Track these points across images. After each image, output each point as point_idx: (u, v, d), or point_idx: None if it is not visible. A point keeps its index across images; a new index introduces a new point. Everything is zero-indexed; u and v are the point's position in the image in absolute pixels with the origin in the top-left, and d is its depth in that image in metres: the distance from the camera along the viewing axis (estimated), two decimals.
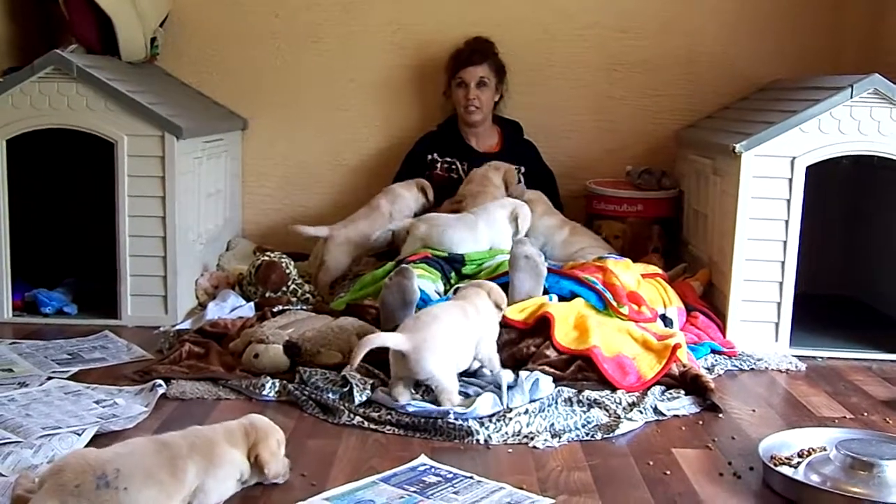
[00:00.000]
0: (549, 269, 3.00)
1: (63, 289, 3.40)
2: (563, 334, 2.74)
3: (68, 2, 3.50)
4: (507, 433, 2.33)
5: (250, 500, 1.94)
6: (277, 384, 2.59)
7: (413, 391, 2.49)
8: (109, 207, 3.22)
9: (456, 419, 2.35)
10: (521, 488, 2.02)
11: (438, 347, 2.44)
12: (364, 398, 2.48)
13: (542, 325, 2.77)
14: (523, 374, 2.59)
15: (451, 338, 2.48)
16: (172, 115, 3.26)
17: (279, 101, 4.15)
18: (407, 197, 3.67)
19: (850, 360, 3.09)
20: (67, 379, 2.65)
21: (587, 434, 2.36)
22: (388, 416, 2.39)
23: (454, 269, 3.26)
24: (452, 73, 3.93)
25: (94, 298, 3.32)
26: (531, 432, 2.34)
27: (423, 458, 2.16)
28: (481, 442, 2.30)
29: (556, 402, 2.49)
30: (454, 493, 1.99)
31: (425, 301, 3.04)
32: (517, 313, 2.82)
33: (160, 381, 2.56)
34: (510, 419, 2.37)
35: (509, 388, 2.51)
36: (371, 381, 2.54)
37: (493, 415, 2.40)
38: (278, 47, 4.12)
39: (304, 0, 4.09)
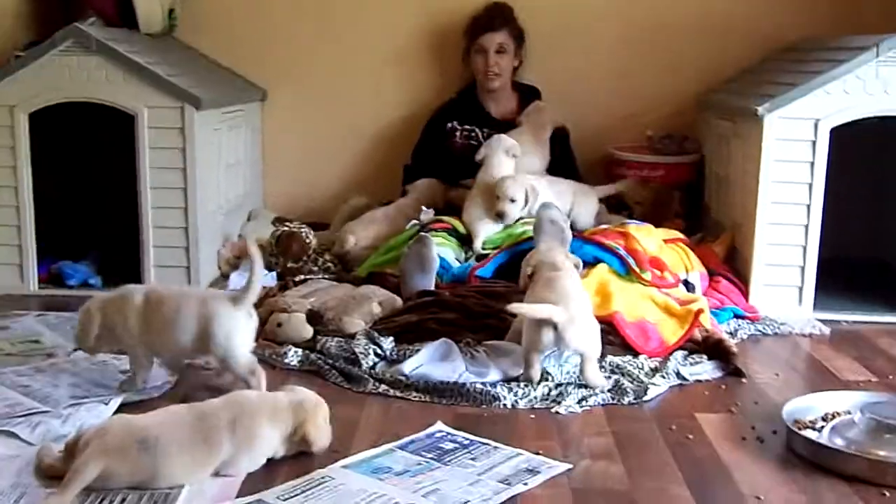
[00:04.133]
0: (573, 235, 3.00)
1: (87, 261, 3.42)
2: None
3: None
4: (534, 398, 2.34)
5: (273, 466, 1.95)
6: (300, 353, 2.61)
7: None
8: (131, 179, 3.23)
9: (482, 385, 2.35)
10: (538, 453, 2.03)
11: (589, 316, 2.44)
12: (370, 364, 2.50)
13: None
14: None
15: (589, 307, 2.49)
16: (191, 86, 3.26)
17: (298, 72, 4.14)
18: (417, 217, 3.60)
19: (875, 323, 3.07)
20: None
21: (613, 399, 2.36)
22: (413, 383, 2.40)
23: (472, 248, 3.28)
24: (471, 40, 3.90)
25: (118, 270, 3.34)
26: (559, 395, 2.35)
27: (439, 425, 2.17)
28: (508, 407, 2.31)
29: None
30: (471, 459, 2.00)
31: (445, 269, 3.05)
32: None
33: None
34: (536, 385, 2.37)
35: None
36: (375, 348, 2.56)
37: (517, 380, 2.41)
38: (296, 17, 4.10)
39: None
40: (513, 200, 3.30)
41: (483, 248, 3.28)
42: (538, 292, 2.46)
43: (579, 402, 2.33)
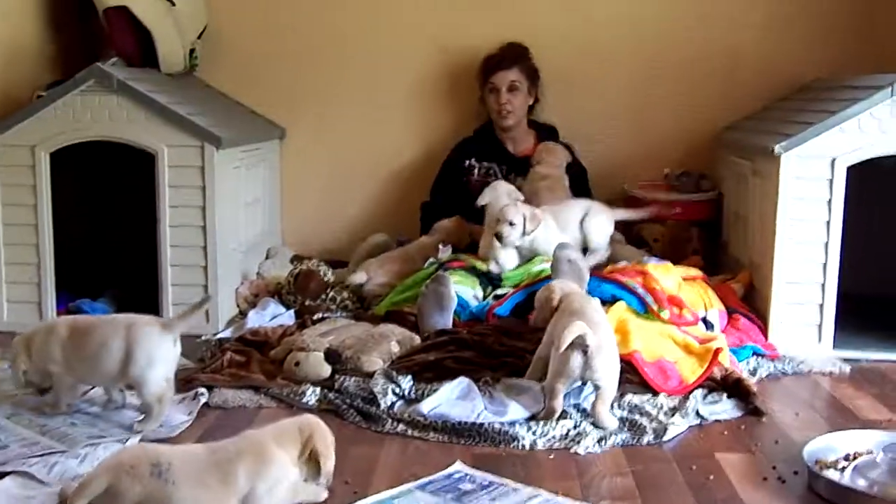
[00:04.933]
0: (590, 273, 3.00)
1: (106, 298, 3.44)
2: None
3: (109, 16, 3.55)
4: (552, 437, 2.33)
5: None
6: (318, 392, 2.61)
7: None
8: (151, 218, 3.26)
9: (501, 424, 2.35)
10: (557, 493, 2.02)
11: (614, 349, 2.45)
12: (388, 403, 2.49)
13: None
14: None
15: (614, 342, 2.51)
16: (211, 125, 3.30)
17: (316, 110, 4.18)
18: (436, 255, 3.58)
19: (895, 361, 3.04)
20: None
21: (632, 439, 2.34)
22: (432, 423, 2.39)
23: (491, 284, 3.27)
24: (484, 79, 3.94)
25: (137, 308, 3.33)
26: (577, 435, 2.33)
27: (458, 465, 2.16)
28: (526, 447, 2.30)
29: None
30: (490, 500, 1.99)
31: (463, 307, 3.05)
32: None
33: (202, 390, 2.59)
34: (556, 423, 2.37)
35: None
36: (394, 387, 2.56)
37: (536, 418, 2.40)
38: (314, 57, 4.14)
39: (338, 9, 4.12)
40: (511, 224, 3.28)
41: (502, 284, 3.28)
42: (566, 320, 2.44)
43: (598, 441, 2.32)
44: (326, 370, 2.71)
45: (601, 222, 3.51)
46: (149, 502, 1.80)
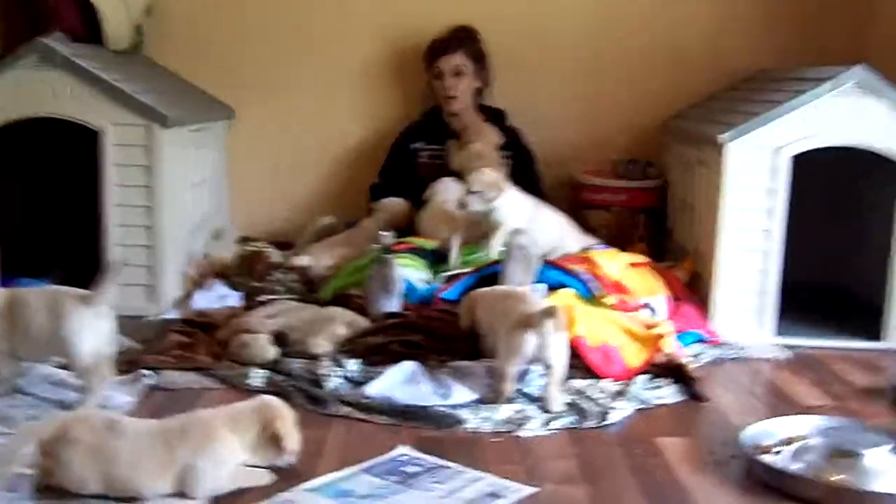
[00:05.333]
0: None
1: (49, 278, 3.38)
2: None
3: None
4: (497, 421, 2.34)
5: (235, 492, 1.93)
6: (264, 374, 2.60)
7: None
8: (95, 197, 3.21)
9: (446, 408, 2.36)
10: (501, 476, 2.03)
11: (565, 332, 2.46)
12: (334, 385, 2.50)
13: None
14: None
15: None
16: (158, 103, 3.25)
17: (265, 91, 4.14)
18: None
19: (833, 348, 3.11)
20: (54, 367, 2.64)
21: (576, 423, 2.37)
22: (378, 406, 2.40)
23: (440, 261, 3.28)
24: (430, 63, 3.94)
25: (81, 287, 3.30)
26: (522, 418, 2.35)
27: (403, 448, 2.17)
28: (471, 430, 2.31)
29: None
30: (435, 482, 2.00)
31: (411, 290, 3.05)
32: None
33: (147, 372, 2.56)
34: (500, 407, 2.38)
35: None
36: (340, 370, 2.56)
37: (483, 401, 2.42)
38: (264, 36, 4.10)
39: None
40: (473, 192, 3.26)
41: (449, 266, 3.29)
42: (510, 306, 2.47)
43: (543, 425, 2.34)
44: (273, 352, 2.71)
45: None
46: (99, 455, 1.83)
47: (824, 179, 3.48)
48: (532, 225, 3.30)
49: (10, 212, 3.34)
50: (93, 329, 2.35)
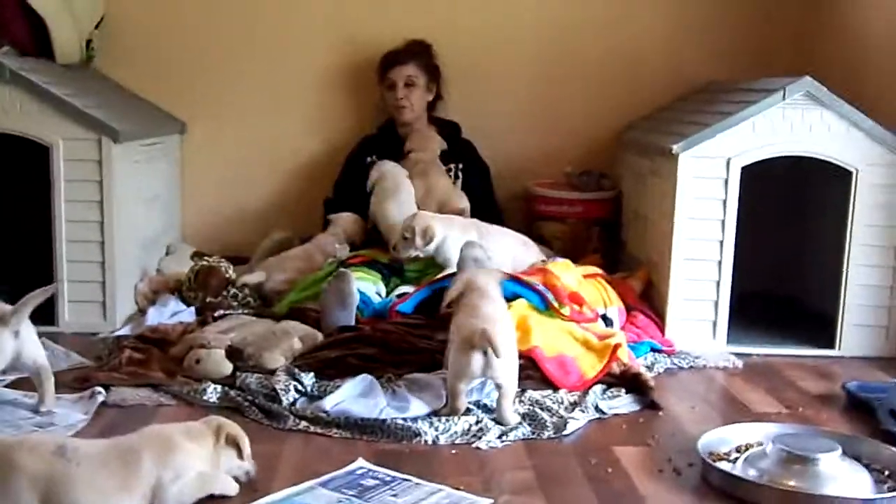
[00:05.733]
0: None
1: None
2: None
3: (0, 3, 3.43)
4: (455, 433, 2.34)
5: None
6: (219, 389, 2.57)
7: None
8: (46, 213, 3.17)
9: (404, 420, 2.36)
10: (459, 489, 2.03)
11: (513, 348, 2.44)
12: (290, 400, 2.48)
13: None
14: None
15: (514, 338, 2.50)
16: (109, 118, 3.22)
17: (218, 104, 4.11)
18: (334, 252, 3.55)
19: (785, 356, 3.15)
20: (3, 387, 2.60)
21: (533, 434, 2.37)
22: (334, 419, 2.39)
23: (395, 274, 3.28)
24: (382, 75, 3.94)
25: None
26: (479, 431, 2.35)
27: (360, 462, 2.16)
28: (429, 442, 2.31)
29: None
30: (393, 495, 2.00)
31: (366, 303, 3.05)
32: None
33: (100, 389, 2.53)
34: (458, 419, 2.38)
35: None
36: (296, 384, 2.54)
37: (438, 414, 2.42)
38: (215, 50, 4.08)
39: (240, 2, 4.06)
40: (405, 238, 3.22)
41: (405, 277, 3.29)
42: (461, 319, 2.46)
43: (500, 437, 2.34)
44: (228, 368, 2.68)
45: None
46: (48, 480, 1.77)
47: (774, 189, 3.54)
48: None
49: None
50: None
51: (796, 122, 3.09)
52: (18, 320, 2.36)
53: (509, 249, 3.32)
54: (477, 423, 2.38)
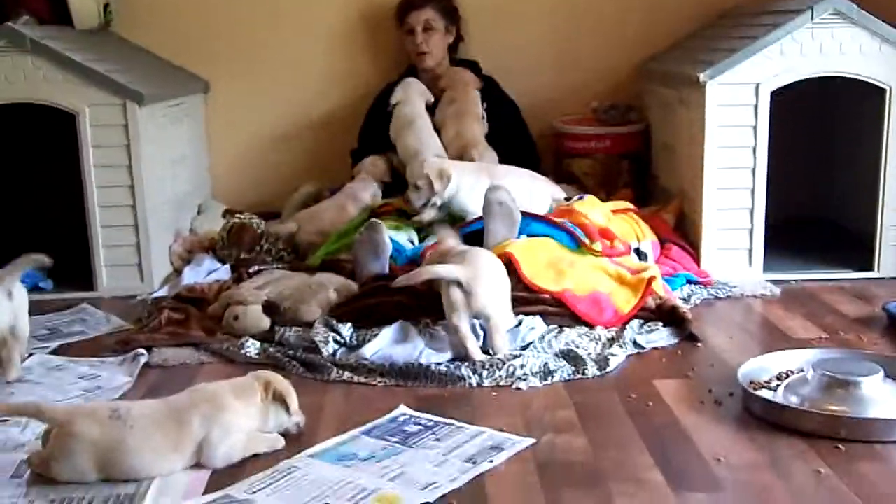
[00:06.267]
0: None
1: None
2: (534, 273, 2.73)
3: None
4: (499, 377, 2.35)
5: (240, 462, 1.94)
6: (259, 345, 2.60)
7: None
8: (76, 179, 3.19)
9: (447, 366, 2.37)
10: (501, 430, 2.05)
11: (498, 281, 2.50)
12: (330, 351, 2.50)
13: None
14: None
15: (500, 274, 2.54)
16: (132, 81, 3.22)
17: (239, 61, 4.09)
18: (366, 199, 3.59)
19: (823, 280, 3.13)
20: (49, 354, 2.64)
21: (575, 373, 2.38)
22: (377, 367, 2.40)
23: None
24: (400, 21, 3.90)
25: (70, 272, 3.30)
26: (524, 374, 2.36)
27: (402, 409, 2.18)
28: (473, 386, 2.32)
29: (547, 342, 2.52)
30: (435, 440, 2.02)
31: (399, 251, 3.05)
32: None
33: (142, 351, 2.56)
34: (503, 363, 2.39)
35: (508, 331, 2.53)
36: (335, 335, 2.56)
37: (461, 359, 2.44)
38: (234, 6, 4.05)
39: None
40: (417, 187, 3.16)
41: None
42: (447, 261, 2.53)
43: (543, 377, 2.35)
44: (266, 323, 2.70)
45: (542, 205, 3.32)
46: (106, 445, 1.83)
47: (804, 110, 3.48)
48: None
49: None
50: None
51: (826, 42, 3.03)
52: (12, 281, 2.42)
53: (524, 187, 3.23)
54: (522, 367, 2.38)
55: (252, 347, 2.59)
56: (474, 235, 2.96)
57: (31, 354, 2.59)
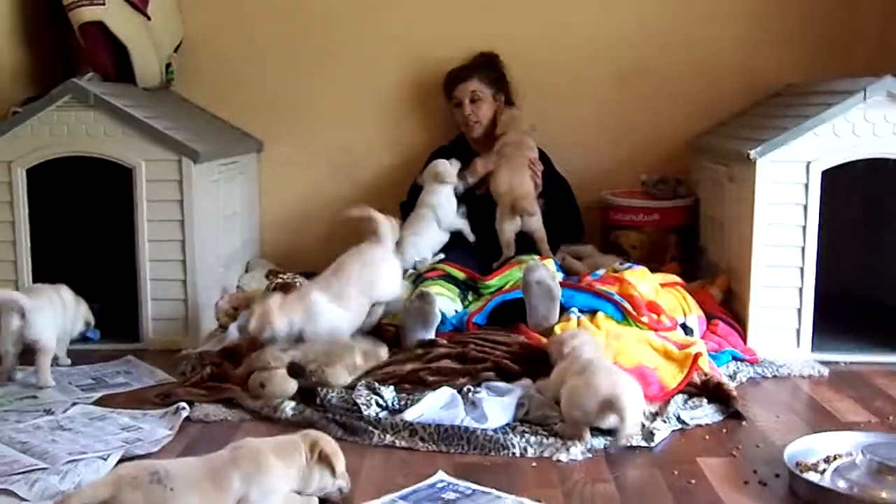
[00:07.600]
0: (563, 284, 3.01)
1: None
2: None
3: (84, 31, 3.53)
4: (543, 444, 2.33)
5: None
6: (294, 405, 2.59)
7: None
8: (130, 233, 3.25)
9: (493, 431, 2.35)
10: (540, 501, 2.02)
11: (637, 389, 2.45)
12: (373, 414, 2.49)
13: None
14: None
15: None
16: (189, 139, 3.29)
17: (293, 123, 4.17)
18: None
19: (873, 363, 3.07)
20: (92, 404, 2.67)
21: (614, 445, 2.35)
22: (419, 432, 2.39)
23: (470, 289, 3.28)
24: (448, 94, 3.95)
25: (117, 323, 3.34)
26: (563, 444, 2.33)
27: (441, 475, 2.16)
28: (516, 455, 2.30)
29: None
30: None
31: (443, 322, 3.04)
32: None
33: (184, 404, 2.58)
34: (539, 430, 2.37)
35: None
36: (377, 398, 2.55)
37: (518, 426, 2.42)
38: (290, 69, 4.14)
39: (314, 21, 4.12)
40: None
41: (482, 291, 3.28)
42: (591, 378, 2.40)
43: (583, 448, 2.32)
44: (292, 387, 2.67)
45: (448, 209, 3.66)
46: None
47: (854, 189, 3.46)
48: None
49: (46, 250, 3.38)
50: None
51: (878, 123, 3.02)
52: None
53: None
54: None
55: (288, 408, 2.58)
56: (513, 304, 2.96)
57: (74, 404, 2.61)
